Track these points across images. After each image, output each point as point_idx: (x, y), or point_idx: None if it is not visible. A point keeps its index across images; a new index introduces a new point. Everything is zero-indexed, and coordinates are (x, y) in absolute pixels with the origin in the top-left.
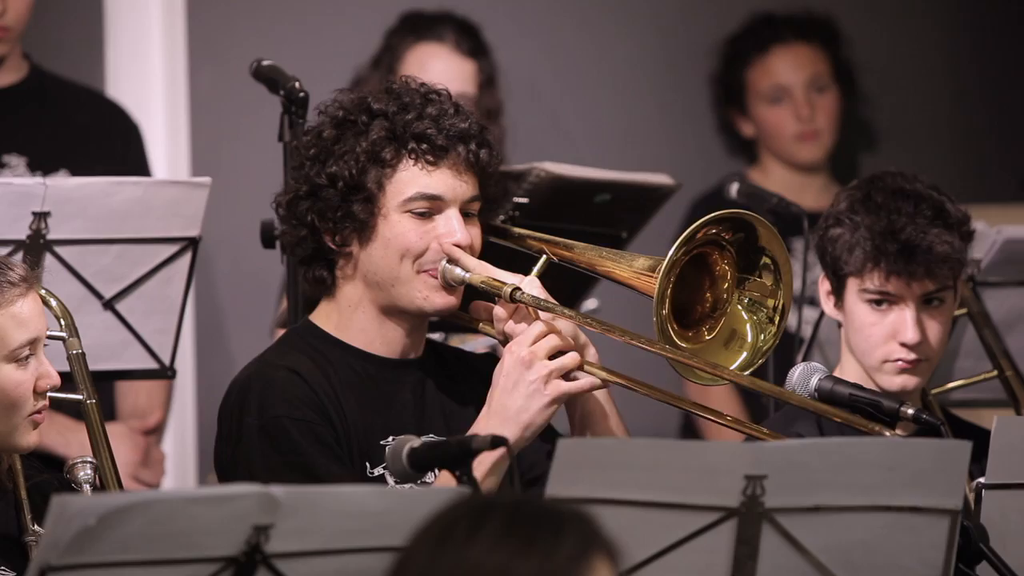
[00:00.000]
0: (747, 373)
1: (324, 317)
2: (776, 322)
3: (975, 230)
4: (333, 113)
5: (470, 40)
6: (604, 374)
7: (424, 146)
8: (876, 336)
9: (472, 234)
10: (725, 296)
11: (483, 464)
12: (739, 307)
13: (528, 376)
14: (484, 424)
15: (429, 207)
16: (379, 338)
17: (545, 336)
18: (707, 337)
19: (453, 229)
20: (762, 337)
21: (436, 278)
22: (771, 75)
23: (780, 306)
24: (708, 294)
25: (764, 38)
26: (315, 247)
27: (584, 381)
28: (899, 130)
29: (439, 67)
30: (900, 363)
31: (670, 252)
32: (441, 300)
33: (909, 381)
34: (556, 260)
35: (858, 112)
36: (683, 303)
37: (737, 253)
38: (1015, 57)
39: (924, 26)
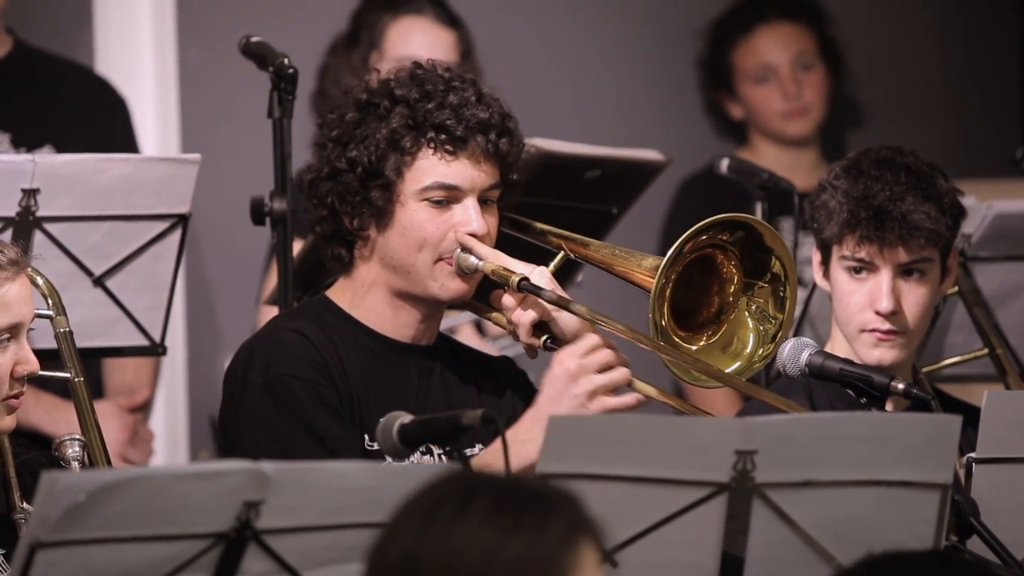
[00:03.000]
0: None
1: (339, 292)
2: (777, 339)
3: (965, 208)
4: (357, 96)
5: (446, 10)
6: (652, 391)
7: (443, 136)
8: (854, 305)
9: (489, 223)
10: (732, 299)
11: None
12: (745, 314)
13: (574, 390)
14: (525, 428)
15: (446, 196)
16: (391, 320)
17: (597, 349)
18: (704, 342)
19: (470, 219)
20: (760, 351)
21: (452, 266)
22: (756, 55)
23: (784, 320)
24: (715, 298)
25: (748, 19)
26: (335, 227)
27: (628, 398)
28: (889, 106)
29: (422, 39)
30: (876, 334)
31: (666, 256)
32: (456, 287)
33: (886, 355)
34: (573, 257)
35: (846, 89)
36: (689, 305)
37: (742, 254)
38: (1004, 31)
39: (912, 1)
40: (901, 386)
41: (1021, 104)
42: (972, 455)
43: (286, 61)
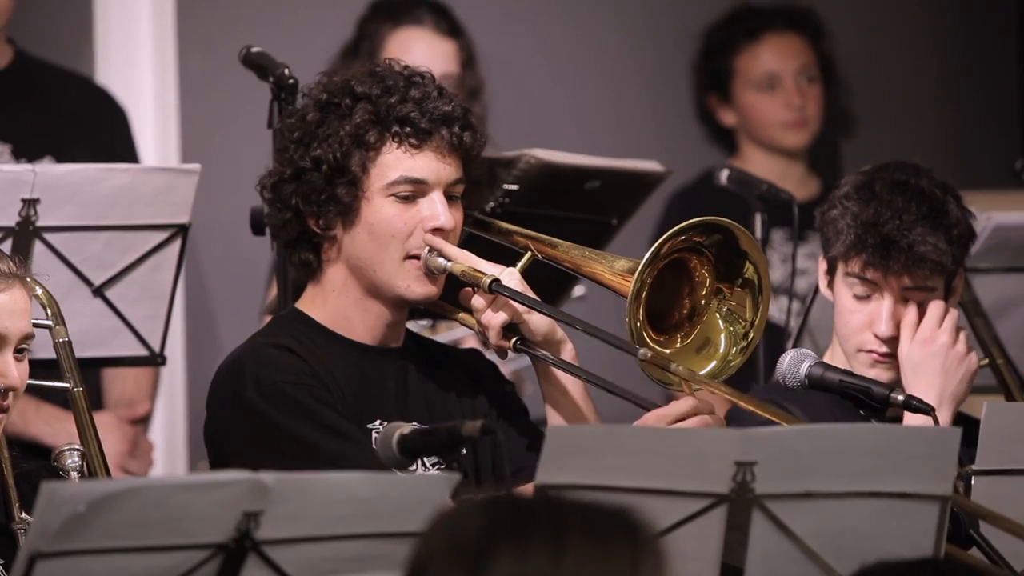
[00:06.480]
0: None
1: (309, 302)
2: (749, 339)
3: (975, 231)
4: (317, 96)
5: (447, 20)
6: None
7: (407, 129)
8: (854, 324)
9: (455, 218)
10: (703, 302)
11: None
12: (716, 316)
13: None
14: None
15: (413, 190)
16: (361, 324)
17: (690, 416)
18: (679, 345)
19: (437, 213)
20: (733, 350)
21: (420, 266)
22: (763, 62)
23: (756, 322)
24: (686, 300)
25: (756, 25)
26: (300, 230)
27: None
28: (888, 116)
29: (422, 49)
30: (873, 355)
31: (644, 259)
32: (422, 289)
33: (881, 376)
34: (540, 257)
35: (841, 101)
36: (661, 308)
37: (716, 258)
38: (1003, 41)
39: (911, 11)
40: (901, 397)
41: (1021, 115)
42: (971, 467)
43: (286, 71)
